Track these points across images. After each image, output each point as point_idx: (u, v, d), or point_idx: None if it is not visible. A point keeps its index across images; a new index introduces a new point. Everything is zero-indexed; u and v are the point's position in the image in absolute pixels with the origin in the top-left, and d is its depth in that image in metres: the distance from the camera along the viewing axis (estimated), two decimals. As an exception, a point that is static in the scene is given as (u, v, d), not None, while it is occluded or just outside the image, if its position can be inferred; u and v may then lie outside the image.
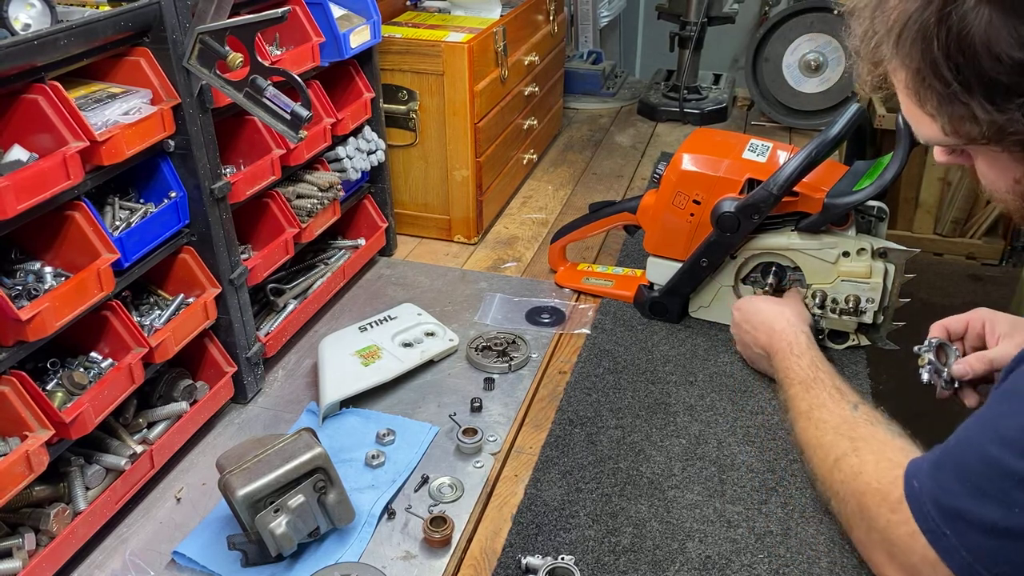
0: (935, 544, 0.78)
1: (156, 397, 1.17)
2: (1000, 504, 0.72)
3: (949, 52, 0.66)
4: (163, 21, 1.03)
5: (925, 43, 0.68)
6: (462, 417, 1.24)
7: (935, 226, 2.78)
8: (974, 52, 0.65)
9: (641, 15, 3.55)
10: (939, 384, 1.06)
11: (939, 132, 0.73)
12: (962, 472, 0.76)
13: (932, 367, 1.06)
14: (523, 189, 2.05)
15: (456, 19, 1.85)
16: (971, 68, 0.66)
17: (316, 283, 1.49)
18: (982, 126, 0.68)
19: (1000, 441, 0.73)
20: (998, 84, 0.66)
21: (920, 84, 0.71)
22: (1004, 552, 0.73)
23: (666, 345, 1.39)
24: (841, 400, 1.03)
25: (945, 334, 1.10)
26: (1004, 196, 0.76)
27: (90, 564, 1.02)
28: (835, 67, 2.27)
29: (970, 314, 1.10)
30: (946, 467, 0.79)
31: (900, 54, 0.70)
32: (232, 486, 0.94)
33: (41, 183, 0.89)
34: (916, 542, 0.80)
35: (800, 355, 1.14)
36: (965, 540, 0.75)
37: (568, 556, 0.97)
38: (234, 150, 1.29)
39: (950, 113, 0.70)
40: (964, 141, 0.72)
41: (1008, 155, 0.72)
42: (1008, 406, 0.76)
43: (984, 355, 1.05)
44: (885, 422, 0.98)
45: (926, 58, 0.68)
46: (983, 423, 0.78)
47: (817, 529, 1.01)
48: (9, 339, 0.90)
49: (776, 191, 1.23)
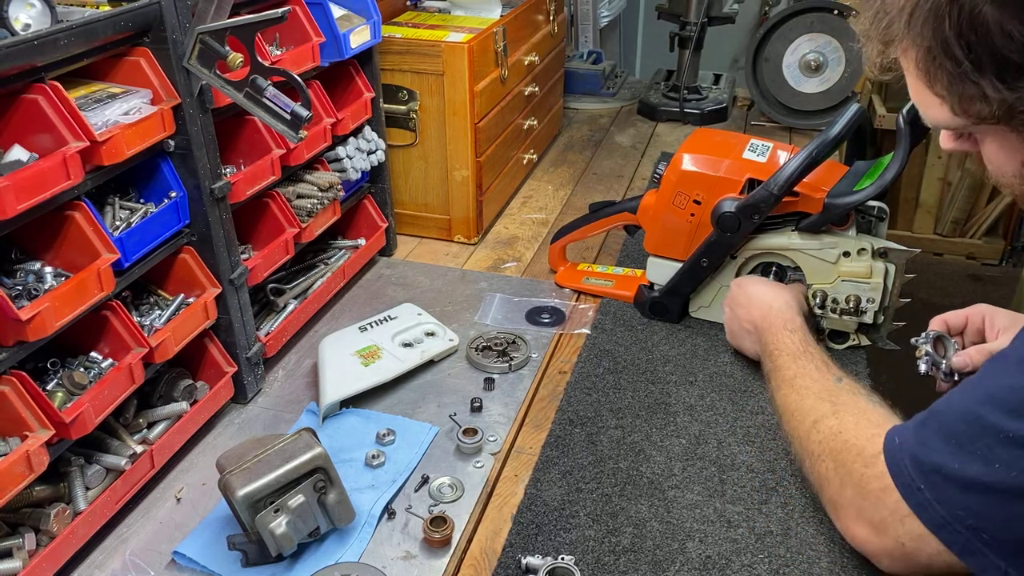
0: (908, 499, 0.79)
1: (156, 397, 1.17)
2: (981, 460, 0.73)
3: (961, 30, 0.66)
4: (163, 21, 1.03)
5: (937, 21, 0.68)
6: (462, 417, 1.24)
7: (935, 226, 2.78)
8: (986, 30, 0.65)
9: (641, 15, 3.55)
10: (938, 376, 1.07)
11: (948, 113, 0.73)
12: (945, 430, 0.78)
13: (930, 359, 1.07)
14: (523, 189, 2.05)
15: (456, 19, 1.85)
16: (983, 46, 0.66)
17: (316, 283, 1.49)
18: (992, 105, 0.69)
19: (987, 400, 0.74)
20: (1009, 62, 0.66)
21: (931, 63, 0.70)
22: (981, 507, 0.74)
23: (666, 345, 1.39)
24: (827, 372, 1.06)
25: (944, 328, 1.10)
26: (1011, 180, 0.76)
27: (90, 564, 1.02)
28: (835, 67, 2.27)
29: (970, 309, 1.10)
30: (929, 425, 0.81)
31: (911, 33, 0.70)
32: (232, 486, 0.94)
33: (41, 183, 0.89)
34: (888, 496, 0.81)
35: (793, 331, 1.16)
36: (940, 495, 0.76)
37: (568, 556, 0.97)
38: (234, 150, 1.29)
39: (960, 93, 0.70)
40: (974, 121, 0.72)
41: (1017, 136, 0.72)
42: (997, 368, 0.77)
43: (984, 348, 1.06)
44: (866, 393, 1.00)
45: (937, 37, 0.68)
46: (971, 386, 0.79)
47: (817, 529, 1.01)
48: (9, 339, 0.90)
49: (776, 191, 1.23)
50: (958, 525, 0.75)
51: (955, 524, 0.75)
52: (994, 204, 2.70)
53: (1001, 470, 0.71)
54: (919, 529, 0.79)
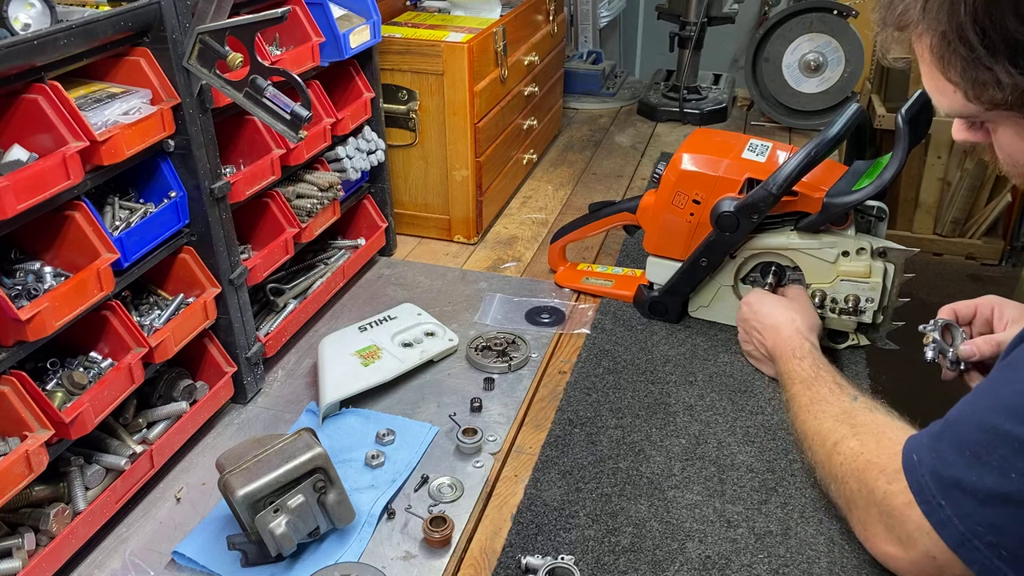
0: (929, 515, 0.78)
1: (156, 397, 1.17)
2: (997, 470, 0.72)
3: (976, 15, 0.67)
4: (163, 21, 1.03)
5: (952, 6, 0.68)
6: (462, 417, 1.24)
7: (935, 226, 2.78)
8: (1001, 14, 0.65)
9: (641, 15, 3.55)
10: (945, 364, 1.06)
11: (962, 100, 0.72)
12: (960, 441, 0.77)
13: (937, 346, 1.06)
14: (523, 189, 2.05)
15: (456, 19, 1.85)
16: (997, 31, 0.66)
17: (316, 283, 1.49)
18: (1006, 91, 0.68)
19: (999, 408, 0.73)
20: (1022, 47, 0.66)
21: (945, 49, 0.70)
22: (999, 521, 0.73)
23: (666, 345, 1.39)
24: (841, 393, 1.04)
25: (953, 316, 1.10)
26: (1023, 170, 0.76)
27: (90, 564, 1.02)
28: (835, 67, 2.27)
29: (980, 300, 1.10)
30: (944, 438, 0.79)
31: (927, 18, 0.70)
32: (232, 486, 0.94)
33: (41, 183, 0.89)
34: (912, 511, 0.80)
35: (802, 358, 1.14)
36: (960, 510, 0.75)
37: (568, 556, 0.97)
38: (234, 150, 1.29)
39: (974, 79, 0.70)
40: (987, 107, 0.72)
41: None
42: (1008, 374, 0.76)
43: (992, 338, 1.05)
44: (884, 409, 0.98)
45: (952, 21, 0.68)
46: (983, 393, 0.78)
47: (817, 529, 1.01)
48: (9, 339, 0.90)
49: (775, 191, 1.23)
50: (977, 542, 0.74)
51: (974, 541, 0.74)
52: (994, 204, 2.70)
53: (1018, 480, 0.70)
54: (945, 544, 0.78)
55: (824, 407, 1.03)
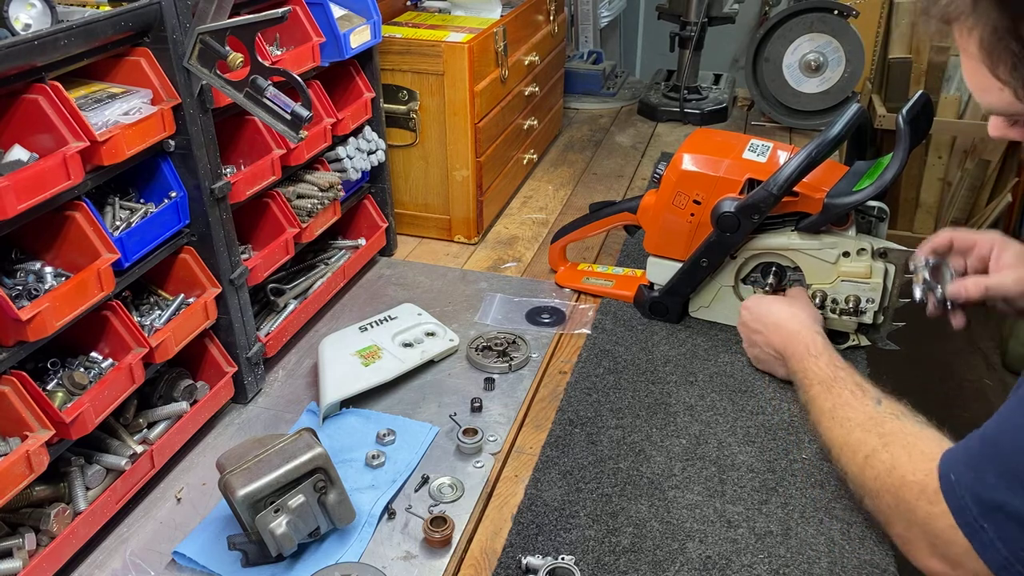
0: (972, 539, 0.77)
1: (156, 397, 1.17)
2: None
3: None
4: (163, 21, 1.03)
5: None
6: (462, 417, 1.24)
7: (935, 226, 2.78)
8: None
9: (641, 15, 3.55)
10: (931, 302, 1.05)
11: (1010, 98, 0.70)
12: (999, 462, 0.75)
13: (926, 285, 1.05)
14: (523, 189, 2.05)
15: (456, 19, 1.85)
16: None
17: (316, 283, 1.49)
18: None
19: None
20: None
21: (996, 45, 0.68)
22: None
23: (666, 345, 1.39)
24: (864, 397, 1.01)
25: (950, 244, 1.08)
26: None
27: (90, 564, 1.02)
28: (835, 67, 2.27)
29: (980, 235, 1.07)
30: (983, 457, 0.77)
31: (977, 11, 0.68)
32: (232, 486, 0.94)
33: (41, 183, 0.89)
34: (957, 534, 0.78)
35: (818, 355, 1.12)
36: (1003, 533, 0.74)
37: (568, 556, 0.97)
38: (234, 150, 1.29)
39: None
40: None
41: None
42: None
43: (981, 281, 1.03)
44: (911, 414, 0.96)
45: (1004, 15, 0.66)
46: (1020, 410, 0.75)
47: (818, 529, 1.01)
48: (9, 339, 0.90)
49: (776, 191, 1.23)
50: (1020, 566, 0.73)
51: (1017, 565, 0.73)
52: (994, 204, 2.70)
53: None
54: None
55: (848, 412, 1.00)
